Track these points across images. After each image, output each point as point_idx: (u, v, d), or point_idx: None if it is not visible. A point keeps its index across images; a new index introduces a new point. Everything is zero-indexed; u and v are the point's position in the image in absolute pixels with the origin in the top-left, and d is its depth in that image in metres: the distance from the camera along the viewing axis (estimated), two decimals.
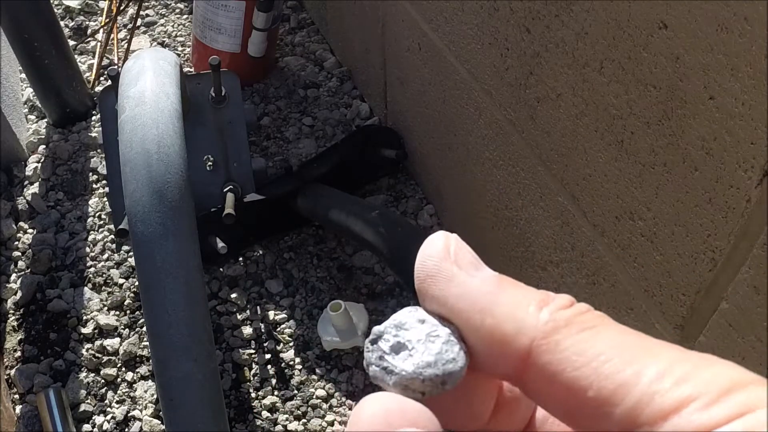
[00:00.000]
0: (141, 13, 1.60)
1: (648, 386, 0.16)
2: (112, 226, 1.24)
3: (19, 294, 1.18)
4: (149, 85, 0.82)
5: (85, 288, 1.19)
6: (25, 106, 1.46)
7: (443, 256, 0.20)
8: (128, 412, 1.07)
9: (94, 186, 1.33)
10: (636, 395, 0.16)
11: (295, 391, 1.07)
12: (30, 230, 1.26)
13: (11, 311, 1.17)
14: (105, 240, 1.25)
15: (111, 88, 1.00)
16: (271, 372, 1.09)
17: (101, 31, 1.58)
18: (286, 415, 1.05)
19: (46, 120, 1.42)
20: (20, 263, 1.22)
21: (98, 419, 1.06)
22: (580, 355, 0.17)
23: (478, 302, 0.19)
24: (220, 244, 1.07)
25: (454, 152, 1.09)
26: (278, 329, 1.14)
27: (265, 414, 1.05)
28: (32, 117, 1.44)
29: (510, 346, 0.18)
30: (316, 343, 1.11)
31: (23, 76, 1.43)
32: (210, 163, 1.10)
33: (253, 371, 1.09)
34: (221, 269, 1.20)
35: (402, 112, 1.25)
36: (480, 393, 0.21)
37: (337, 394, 1.07)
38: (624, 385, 0.16)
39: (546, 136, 0.82)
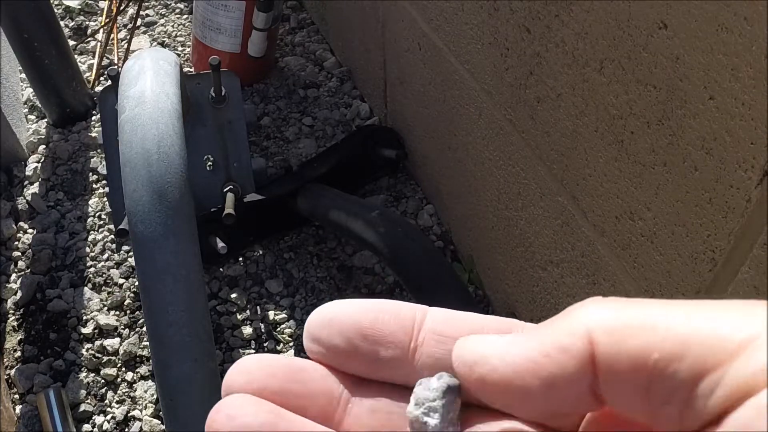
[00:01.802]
0: (141, 13, 1.60)
1: (707, 338, 0.16)
2: (112, 226, 1.24)
3: (19, 294, 1.18)
4: (149, 85, 0.82)
5: (85, 288, 1.19)
6: (25, 106, 1.46)
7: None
8: (128, 412, 1.07)
9: (94, 186, 1.33)
10: (699, 343, 0.17)
11: None
12: (30, 230, 1.26)
13: (11, 311, 1.17)
14: (105, 240, 1.25)
15: (111, 88, 1.00)
16: None
17: (101, 31, 1.58)
18: None
19: (46, 120, 1.42)
20: (20, 263, 1.22)
21: (98, 419, 1.06)
22: (637, 327, 0.17)
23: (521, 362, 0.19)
24: (220, 244, 1.07)
25: (454, 152, 1.09)
26: (278, 329, 1.14)
27: None
28: (32, 117, 1.44)
29: (575, 354, 0.18)
30: None
31: (23, 76, 1.43)
32: (210, 163, 1.10)
33: None
34: (221, 269, 1.20)
35: (402, 112, 1.25)
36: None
37: None
38: (685, 338, 0.17)
39: (546, 136, 0.82)
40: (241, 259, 1.21)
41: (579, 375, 0.18)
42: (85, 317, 1.15)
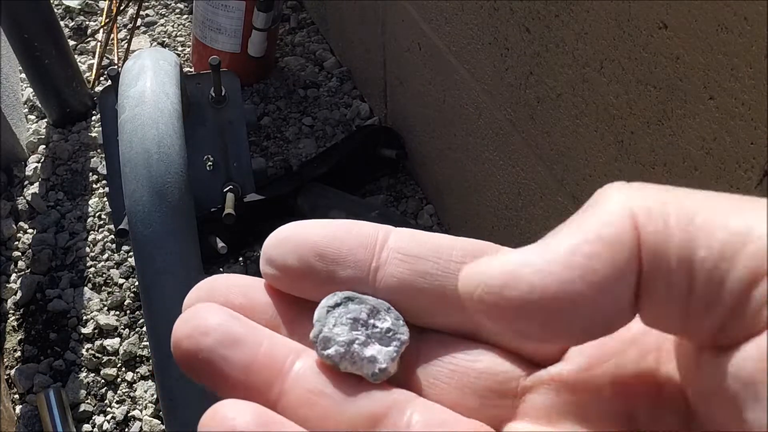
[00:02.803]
0: (141, 13, 1.60)
1: (759, 243, 0.14)
2: (112, 226, 1.24)
3: (19, 294, 1.18)
4: (149, 85, 0.82)
5: (85, 288, 1.19)
6: (25, 106, 1.46)
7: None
8: (128, 412, 1.07)
9: (94, 186, 1.33)
10: (755, 243, 0.14)
11: None
12: (30, 230, 1.26)
13: (11, 311, 1.17)
14: (105, 240, 1.25)
15: (111, 88, 1.00)
16: None
17: (101, 31, 1.58)
18: None
19: (46, 120, 1.42)
20: (20, 263, 1.22)
21: (98, 419, 1.06)
22: (681, 215, 0.15)
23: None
24: (220, 244, 1.07)
25: (454, 152, 1.09)
26: None
27: None
28: (32, 117, 1.44)
29: (623, 247, 0.16)
30: None
31: (23, 76, 1.43)
32: (210, 163, 1.10)
33: None
34: (221, 269, 1.20)
35: (402, 112, 1.25)
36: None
37: None
38: (739, 235, 0.14)
39: (546, 136, 0.82)
40: (241, 259, 1.21)
41: (631, 272, 0.16)
42: (85, 317, 1.15)
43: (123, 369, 1.11)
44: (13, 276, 1.21)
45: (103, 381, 1.09)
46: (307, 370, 0.20)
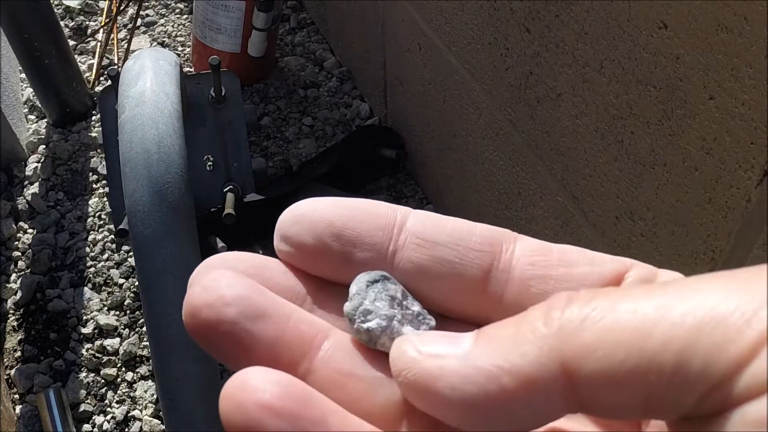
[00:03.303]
0: (141, 13, 1.60)
1: (712, 339, 0.14)
2: (112, 226, 1.24)
3: (19, 294, 1.18)
4: (149, 85, 0.82)
5: (85, 288, 1.19)
6: (25, 106, 1.46)
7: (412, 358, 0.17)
8: (128, 412, 1.07)
9: (94, 186, 1.33)
10: (702, 355, 0.14)
11: None
12: (30, 230, 1.26)
13: (11, 311, 1.17)
14: (105, 240, 1.25)
15: (111, 88, 1.00)
16: None
17: (101, 31, 1.58)
18: None
19: (46, 120, 1.42)
20: (20, 263, 1.22)
21: (98, 419, 1.06)
22: (619, 344, 0.15)
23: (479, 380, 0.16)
24: (220, 244, 1.07)
25: (454, 152, 1.09)
26: None
27: None
28: (32, 117, 1.44)
29: (544, 387, 0.15)
30: None
31: (23, 76, 1.43)
32: (210, 163, 1.10)
33: None
34: None
35: (402, 112, 1.25)
36: None
37: None
38: (684, 351, 0.14)
39: (546, 136, 0.82)
40: None
41: (553, 404, 0.15)
42: (85, 317, 1.15)
43: (123, 369, 1.11)
44: (13, 276, 1.21)
45: (103, 381, 1.09)
46: (337, 350, 0.19)
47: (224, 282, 0.18)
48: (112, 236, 1.25)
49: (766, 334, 0.13)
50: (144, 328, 1.13)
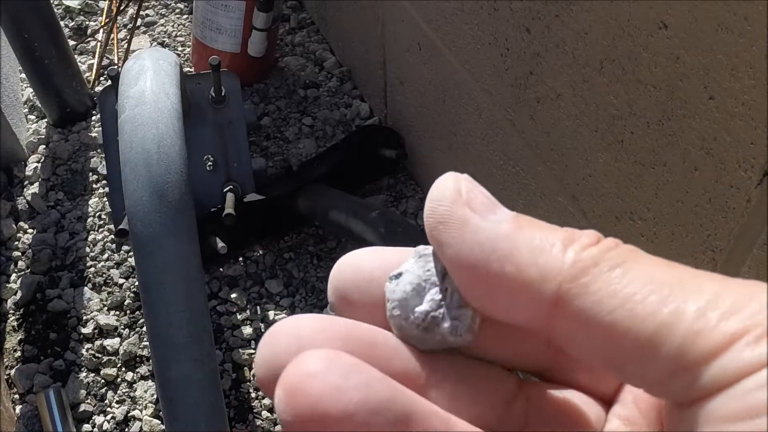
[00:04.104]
0: (141, 13, 1.60)
1: (691, 324, 0.15)
2: (112, 226, 1.24)
3: (19, 294, 1.18)
4: (149, 85, 0.82)
5: (85, 288, 1.19)
6: (25, 106, 1.46)
7: (454, 199, 0.18)
8: (128, 412, 1.07)
9: (94, 186, 1.33)
10: (679, 336, 0.15)
11: None
12: (30, 230, 1.26)
13: (11, 311, 1.17)
14: (105, 240, 1.25)
15: (111, 88, 1.00)
16: None
17: (101, 31, 1.58)
18: None
19: (46, 120, 1.42)
20: (20, 263, 1.22)
21: (98, 419, 1.06)
22: (612, 296, 0.16)
23: (497, 249, 0.17)
24: (220, 244, 1.07)
25: (454, 152, 1.09)
26: None
27: (265, 414, 1.05)
28: (32, 117, 1.44)
29: (535, 294, 0.16)
30: None
31: (23, 76, 1.43)
32: (210, 163, 1.10)
33: (253, 371, 1.09)
34: (221, 269, 1.20)
35: (402, 112, 1.25)
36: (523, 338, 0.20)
37: None
38: (665, 326, 0.15)
39: (546, 136, 0.82)
40: (241, 259, 1.21)
41: (535, 311, 0.17)
42: (85, 317, 1.15)
43: (123, 369, 1.11)
44: (13, 276, 1.21)
45: (103, 381, 1.09)
46: None
47: (358, 379, 0.15)
48: (112, 236, 1.25)
49: (741, 332, 0.14)
50: (144, 328, 1.13)
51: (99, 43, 1.57)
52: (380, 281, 0.19)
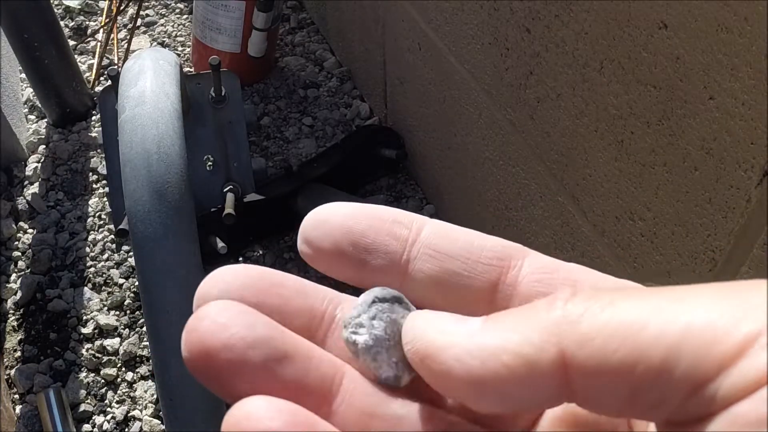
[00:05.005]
0: (141, 13, 1.60)
1: (700, 338, 0.14)
2: (112, 226, 1.24)
3: (19, 294, 1.18)
4: (149, 85, 0.82)
5: (85, 288, 1.19)
6: (25, 106, 1.46)
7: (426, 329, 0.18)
8: (128, 412, 1.07)
9: (94, 186, 1.33)
10: (690, 352, 0.14)
11: None
12: (30, 230, 1.26)
13: (11, 311, 1.17)
14: (105, 240, 1.25)
15: (111, 88, 1.00)
16: None
17: (101, 31, 1.58)
18: None
19: (46, 120, 1.42)
20: (20, 263, 1.22)
21: (98, 419, 1.06)
22: (613, 335, 0.15)
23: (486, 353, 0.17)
24: (220, 244, 1.07)
25: (454, 152, 1.09)
26: None
27: None
28: (32, 117, 1.44)
29: (539, 370, 0.16)
30: None
31: (23, 76, 1.43)
32: (210, 163, 1.10)
33: None
34: None
35: (402, 112, 1.25)
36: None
37: None
38: (674, 346, 0.15)
39: (546, 136, 0.82)
40: (241, 259, 1.21)
41: (548, 387, 0.16)
42: (85, 317, 1.15)
43: (123, 369, 1.11)
44: (13, 276, 1.21)
45: (103, 381, 1.09)
46: (356, 389, 0.19)
47: (243, 320, 0.18)
48: (112, 236, 1.25)
49: (753, 335, 0.14)
50: (144, 328, 1.13)
51: (99, 43, 1.57)
52: (348, 232, 0.20)
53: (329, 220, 0.21)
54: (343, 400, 0.19)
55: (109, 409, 1.07)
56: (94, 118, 1.42)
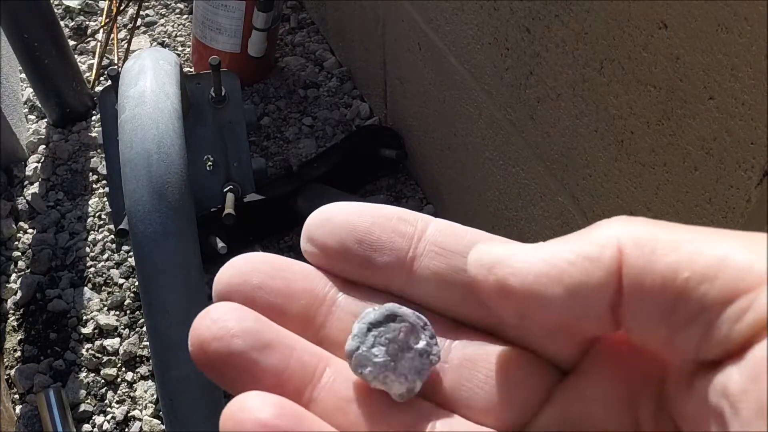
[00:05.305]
0: (141, 13, 1.60)
1: (743, 258, 0.16)
2: (112, 226, 1.24)
3: (19, 294, 1.18)
4: (149, 85, 0.82)
5: (85, 288, 1.19)
6: (25, 106, 1.46)
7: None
8: (128, 412, 1.07)
9: (94, 186, 1.33)
10: (732, 266, 0.16)
11: None
12: (30, 230, 1.26)
13: (11, 311, 1.17)
14: (105, 240, 1.25)
15: (111, 88, 1.00)
16: None
17: (101, 31, 1.58)
18: None
19: (46, 120, 1.42)
20: (20, 263, 1.22)
21: (98, 419, 1.06)
22: (665, 245, 0.17)
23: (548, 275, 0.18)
24: (220, 244, 1.07)
25: (454, 152, 1.09)
26: None
27: None
28: (32, 117, 1.44)
29: (602, 264, 0.17)
30: None
31: (23, 76, 1.43)
32: (210, 163, 1.10)
33: None
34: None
35: (402, 112, 1.25)
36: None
37: None
38: (718, 260, 0.16)
39: (546, 136, 0.82)
40: None
41: (604, 287, 0.17)
42: (85, 317, 1.15)
43: (123, 369, 1.11)
44: (13, 276, 1.21)
45: (103, 381, 1.09)
46: (338, 378, 0.20)
47: (232, 315, 0.19)
48: (112, 236, 1.25)
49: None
50: (144, 328, 1.13)
51: (99, 43, 1.57)
52: (353, 230, 0.21)
53: (333, 219, 0.21)
54: (324, 387, 0.20)
55: (109, 409, 1.07)
56: (94, 118, 1.42)
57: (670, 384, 0.18)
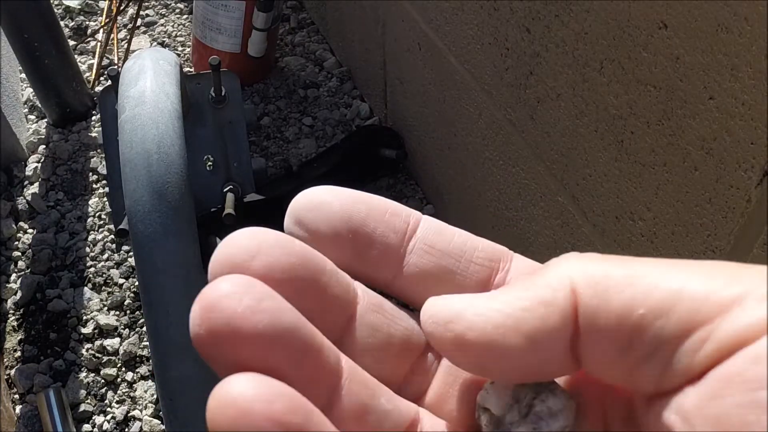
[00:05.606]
0: (141, 13, 1.60)
1: (698, 289, 0.16)
2: (112, 226, 1.24)
3: (19, 294, 1.18)
4: (149, 85, 0.82)
5: (85, 288, 1.19)
6: (25, 106, 1.46)
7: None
8: (128, 412, 1.07)
9: (94, 186, 1.33)
10: (688, 299, 0.16)
11: None
12: (30, 230, 1.26)
13: (11, 311, 1.17)
14: (105, 240, 1.25)
15: (111, 88, 1.00)
16: None
17: (101, 31, 1.58)
18: None
19: (46, 120, 1.42)
20: (20, 263, 1.22)
21: (98, 419, 1.06)
22: (619, 282, 0.17)
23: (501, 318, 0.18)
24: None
25: (454, 152, 1.09)
26: None
27: None
28: (32, 117, 1.44)
29: (558, 305, 0.17)
30: None
31: (23, 76, 1.43)
32: (210, 163, 1.10)
33: None
34: None
35: (402, 112, 1.25)
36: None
37: None
38: (673, 293, 0.16)
39: (546, 136, 0.82)
40: None
41: (561, 330, 0.17)
42: (85, 317, 1.15)
43: (123, 369, 1.11)
44: (13, 276, 1.21)
45: (103, 381, 1.09)
46: (353, 382, 0.19)
47: (269, 304, 0.17)
48: (112, 236, 1.25)
49: (747, 292, 0.15)
50: (144, 328, 1.13)
51: (99, 43, 1.57)
52: (348, 220, 0.20)
53: (327, 205, 0.20)
54: (343, 393, 0.19)
55: (109, 409, 1.07)
56: (94, 118, 1.42)
57: (635, 402, 0.18)
